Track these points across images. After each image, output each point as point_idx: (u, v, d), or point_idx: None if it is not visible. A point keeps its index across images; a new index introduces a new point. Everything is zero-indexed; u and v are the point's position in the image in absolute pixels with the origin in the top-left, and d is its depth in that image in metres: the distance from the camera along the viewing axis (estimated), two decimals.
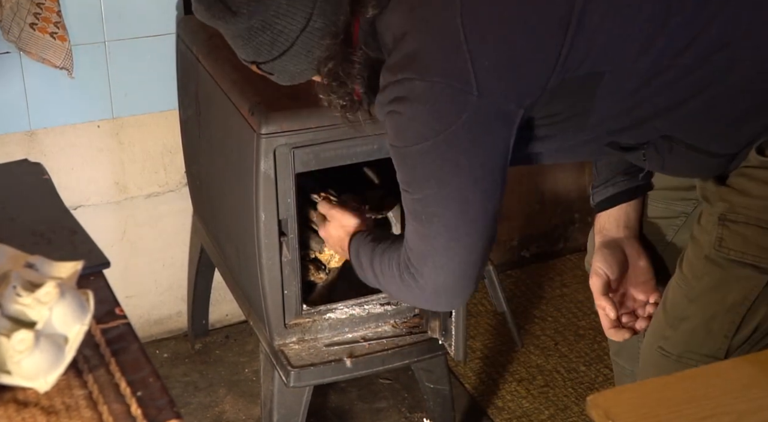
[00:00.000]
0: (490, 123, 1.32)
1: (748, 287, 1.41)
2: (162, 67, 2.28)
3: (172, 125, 2.36)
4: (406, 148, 1.37)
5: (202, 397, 2.41)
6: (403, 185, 1.41)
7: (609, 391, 1.04)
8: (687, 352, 1.48)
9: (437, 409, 2.21)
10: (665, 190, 1.65)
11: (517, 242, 2.92)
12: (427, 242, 1.43)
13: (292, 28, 1.41)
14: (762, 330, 1.43)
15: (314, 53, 1.43)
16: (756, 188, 1.39)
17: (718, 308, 1.44)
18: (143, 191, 2.42)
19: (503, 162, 1.37)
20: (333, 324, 1.99)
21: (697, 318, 1.46)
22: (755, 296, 1.41)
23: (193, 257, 2.47)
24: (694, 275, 1.47)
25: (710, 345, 1.46)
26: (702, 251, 1.45)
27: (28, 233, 1.23)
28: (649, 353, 1.54)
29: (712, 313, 1.45)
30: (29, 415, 0.93)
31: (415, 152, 1.36)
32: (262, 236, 1.85)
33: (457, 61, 1.29)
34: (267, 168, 1.79)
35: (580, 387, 2.44)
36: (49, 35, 2.00)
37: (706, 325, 1.46)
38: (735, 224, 1.41)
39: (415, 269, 1.46)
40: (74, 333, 0.95)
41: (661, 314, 1.53)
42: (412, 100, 1.32)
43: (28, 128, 2.22)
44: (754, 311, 1.42)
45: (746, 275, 1.41)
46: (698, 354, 1.47)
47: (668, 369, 1.50)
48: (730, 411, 0.97)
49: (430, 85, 1.30)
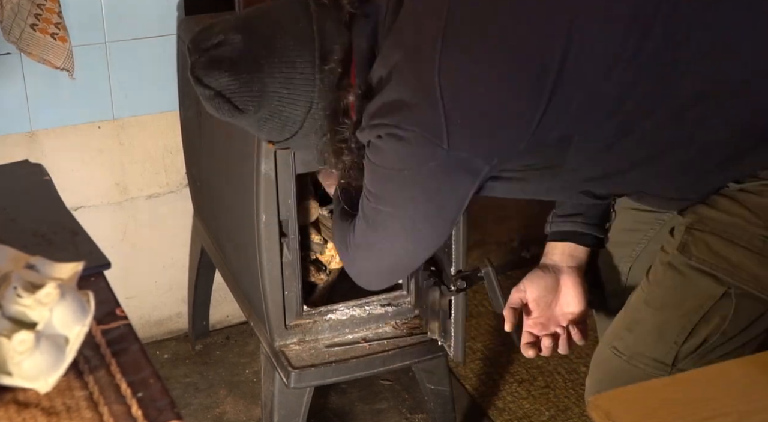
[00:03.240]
0: (454, 173, 1.39)
1: (704, 296, 1.44)
2: (163, 68, 2.28)
3: (173, 126, 2.36)
4: (376, 165, 1.44)
5: (203, 398, 2.41)
6: (365, 190, 1.50)
7: (610, 392, 1.04)
8: (637, 355, 1.50)
9: (438, 410, 2.21)
10: None
11: (518, 243, 2.92)
12: (366, 241, 1.54)
13: (297, 113, 1.51)
14: (711, 342, 1.46)
15: (324, 129, 1.51)
16: (726, 203, 1.42)
17: (672, 313, 1.47)
18: (144, 192, 2.42)
19: (458, 208, 1.44)
20: (333, 325, 1.99)
21: (651, 322, 1.49)
22: (710, 306, 1.44)
23: (194, 258, 2.47)
24: (655, 280, 1.50)
25: (660, 350, 1.48)
26: (666, 258, 1.48)
27: (28, 234, 1.22)
28: (603, 352, 1.57)
29: (666, 318, 1.47)
30: (30, 416, 0.93)
31: (382, 172, 1.44)
32: (262, 237, 1.85)
33: (432, 116, 1.34)
34: (268, 169, 1.79)
35: (581, 387, 2.44)
36: (49, 36, 1.99)
37: (658, 329, 1.48)
38: (700, 233, 1.44)
39: (349, 249, 1.59)
40: (75, 333, 0.95)
41: (621, 315, 1.56)
42: (389, 138, 1.39)
43: (28, 129, 2.22)
44: (707, 321, 1.44)
45: (704, 283, 1.43)
46: (648, 357, 1.49)
47: (618, 369, 1.53)
48: (730, 412, 0.97)
49: (404, 132, 1.36)
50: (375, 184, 1.47)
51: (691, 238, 1.44)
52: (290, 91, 1.49)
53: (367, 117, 1.43)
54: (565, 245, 1.68)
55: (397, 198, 1.45)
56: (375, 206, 1.48)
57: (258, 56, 1.48)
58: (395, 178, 1.42)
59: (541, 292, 1.67)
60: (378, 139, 1.41)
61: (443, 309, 1.88)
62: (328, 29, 1.48)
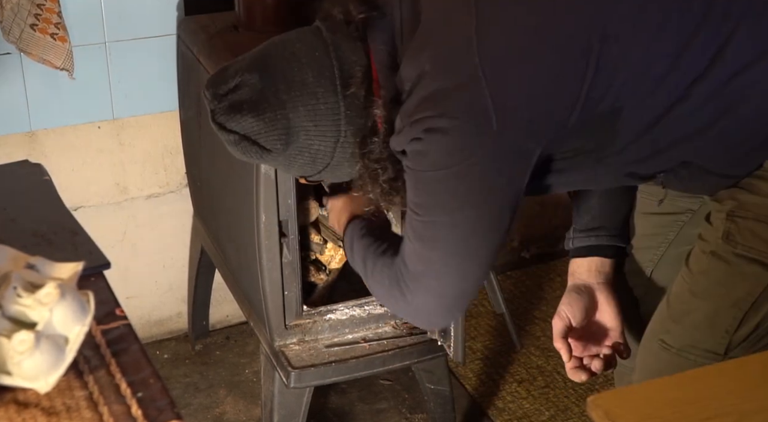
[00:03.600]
0: (506, 160, 1.33)
1: (753, 284, 1.41)
2: (162, 68, 2.28)
3: (173, 126, 2.36)
4: (420, 172, 1.37)
5: (203, 398, 2.41)
6: (412, 206, 1.41)
7: (610, 392, 1.04)
8: (688, 346, 1.48)
9: (438, 410, 2.21)
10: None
11: (518, 243, 2.92)
12: (425, 265, 1.44)
13: (327, 144, 1.45)
14: (763, 328, 1.44)
15: (356, 155, 1.46)
16: (765, 187, 1.40)
17: (722, 303, 1.44)
18: (144, 192, 2.42)
19: (515, 200, 1.37)
20: (333, 325, 1.99)
21: (700, 313, 1.47)
22: (759, 293, 1.42)
23: (194, 258, 2.47)
24: (699, 270, 1.47)
25: (711, 341, 1.46)
26: (709, 247, 1.45)
27: (28, 234, 1.22)
28: (650, 345, 1.55)
29: (716, 308, 1.45)
30: (30, 416, 0.93)
31: (429, 177, 1.36)
32: (262, 237, 1.85)
33: (477, 98, 1.28)
34: (267, 169, 1.79)
35: (581, 387, 2.44)
36: (49, 36, 1.99)
37: (709, 320, 1.46)
38: (744, 220, 1.41)
39: (406, 285, 1.47)
40: (75, 333, 0.95)
41: (665, 307, 1.53)
42: (432, 133, 1.32)
43: (28, 129, 2.22)
44: (757, 308, 1.42)
45: (752, 271, 1.41)
46: (699, 348, 1.47)
47: (667, 362, 1.51)
48: (732, 411, 0.97)
49: (450, 121, 1.30)
50: (422, 193, 1.39)
51: (735, 226, 1.42)
52: (316, 124, 1.44)
53: (404, 117, 1.36)
54: (591, 261, 1.65)
55: (449, 202, 1.37)
56: (427, 219, 1.39)
57: (278, 92, 1.43)
58: (444, 179, 1.35)
59: (582, 314, 1.62)
60: (418, 142, 1.34)
61: None
62: (344, 51, 1.43)
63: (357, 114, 1.43)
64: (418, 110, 1.33)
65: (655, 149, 1.39)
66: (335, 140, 1.45)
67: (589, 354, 1.62)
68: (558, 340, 1.61)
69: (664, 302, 1.54)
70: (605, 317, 1.64)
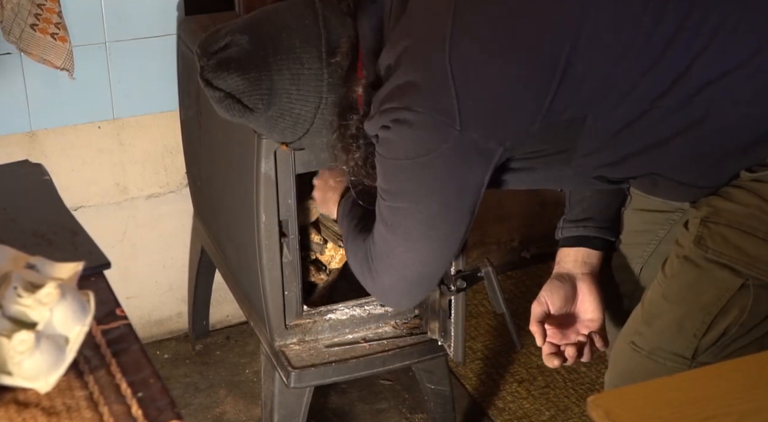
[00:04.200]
0: (468, 157, 1.37)
1: (722, 288, 1.43)
2: (163, 68, 2.28)
3: (173, 126, 2.36)
4: (388, 159, 1.43)
5: (203, 398, 2.41)
6: (380, 190, 1.48)
7: (610, 392, 1.04)
8: (657, 349, 1.50)
9: (438, 410, 2.21)
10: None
11: (518, 243, 2.92)
12: (388, 246, 1.51)
13: (307, 109, 1.52)
14: (730, 334, 1.45)
15: (334, 124, 1.52)
16: (741, 194, 1.42)
17: (691, 307, 1.46)
18: (144, 192, 2.42)
19: (476, 195, 1.43)
20: (333, 325, 1.99)
21: (670, 316, 1.48)
22: (728, 298, 1.43)
23: (194, 258, 2.47)
24: (672, 274, 1.49)
25: (680, 344, 1.48)
26: (682, 252, 1.47)
27: (28, 234, 1.22)
28: (621, 347, 1.56)
29: (685, 311, 1.47)
30: (30, 416, 0.93)
31: (395, 165, 1.42)
32: (262, 237, 1.85)
33: (443, 96, 1.33)
34: (268, 169, 1.79)
35: (581, 387, 2.44)
36: (49, 36, 1.99)
37: (678, 323, 1.47)
38: (716, 225, 1.43)
39: (372, 263, 1.56)
40: (75, 333, 0.95)
41: (639, 310, 1.55)
42: (399, 124, 1.37)
43: (28, 129, 2.22)
44: (726, 313, 1.44)
45: (721, 276, 1.43)
46: (667, 351, 1.49)
47: (637, 364, 1.52)
48: (731, 412, 0.97)
49: (415, 114, 1.35)
50: (389, 179, 1.46)
51: (707, 231, 1.43)
52: (299, 88, 1.50)
53: (376, 103, 1.42)
54: (577, 251, 1.67)
55: (413, 190, 1.43)
56: (391, 204, 1.47)
57: (265, 55, 1.50)
58: (408, 168, 1.41)
59: (561, 302, 1.66)
60: (387, 130, 1.40)
61: (443, 309, 1.88)
62: (333, 23, 1.50)
63: (339, 83, 1.49)
64: (388, 99, 1.39)
65: (621, 155, 1.42)
66: (316, 105, 1.51)
67: (567, 341, 1.65)
68: (534, 324, 1.66)
69: (639, 305, 1.56)
70: (586, 307, 1.66)
